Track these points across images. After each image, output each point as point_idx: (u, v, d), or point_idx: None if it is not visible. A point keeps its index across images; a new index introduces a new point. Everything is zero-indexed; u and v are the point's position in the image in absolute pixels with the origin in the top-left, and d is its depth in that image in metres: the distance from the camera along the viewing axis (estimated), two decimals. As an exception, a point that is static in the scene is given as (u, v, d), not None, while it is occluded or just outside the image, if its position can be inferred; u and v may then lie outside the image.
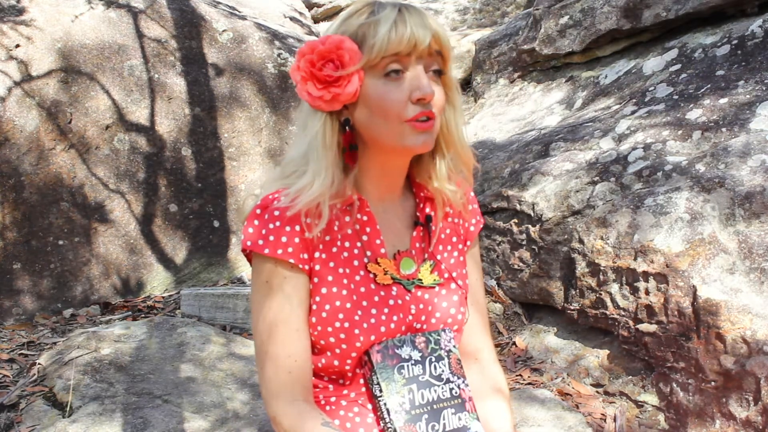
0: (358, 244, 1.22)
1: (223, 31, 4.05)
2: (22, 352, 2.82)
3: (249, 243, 1.16)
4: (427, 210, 1.29)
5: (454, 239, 1.33)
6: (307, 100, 1.16)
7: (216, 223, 3.76)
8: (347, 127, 1.17)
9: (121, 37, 3.77)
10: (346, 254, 1.21)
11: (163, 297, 3.51)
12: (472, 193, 1.38)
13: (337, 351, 1.19)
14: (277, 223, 1.15)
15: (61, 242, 3.42)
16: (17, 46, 3.52)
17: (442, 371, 1.22)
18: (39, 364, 2.59)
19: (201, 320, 3.05)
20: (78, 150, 3.52)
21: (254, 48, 4.08)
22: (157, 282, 3.59)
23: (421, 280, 1.25)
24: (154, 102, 3.74)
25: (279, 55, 4.14)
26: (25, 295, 3.32)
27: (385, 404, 1.17)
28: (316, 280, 1.19)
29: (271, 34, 4.24)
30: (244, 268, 3.73)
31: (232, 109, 3.91)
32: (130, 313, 3.31)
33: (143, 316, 3.25)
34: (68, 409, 2.25)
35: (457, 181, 1.28)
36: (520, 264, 2.89)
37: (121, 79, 3.69)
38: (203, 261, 3.69)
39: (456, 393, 1.22)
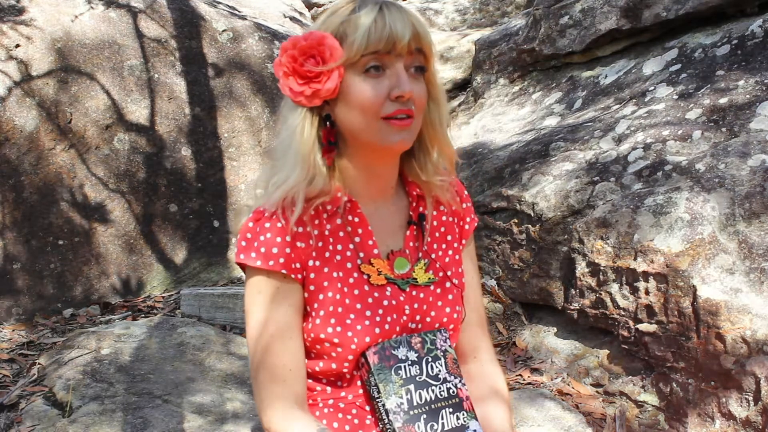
0: (351, 246, 1.22)
1: (223, 30, 4.05)
2: (22, 352, 2.82)
3: (242, 256, 1.17)
4: (421, 209, 1.29)
5: (449, 237, 1.33)
6: (289, 95, 1.17)
7: (216, 223, 3.76)
8: (328, 123, 1.18)
9: (121, 37, 3.77)
10: (339, 257, 1.21)
11: (163, 297, 3.51)
12: (466, 192, 1.38)
13: (333, 354, 1.19)
14: (268, 235, 1.16)
15: (61, 242, 3.42)
16: (17, 46, 3.52)
17: (439, 371, 1.22)
18: (39, 364, 2.59)
19: (201, 320, 3.05)
20: (78, 150, 3.52)
21: (254, 48, 4.08)
22: (157, 282, 3.59)
23: (415, 279, 1.25)
24: (154, 102, 3.74)
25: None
26: (25, 295, 3.32)
27: (383, 405, 1.18)
28: (312, 287, 1.19)
29: (270, 34, 4.24)
30: (244, 268, 3.73)
31: (232, 109, 3.91)
32: (130, 313, 3.31)
33: (143, 316, 3.25)
34: (68, 409, 2.25)
35: (442, 178, 1.29)
36: (520, 264, 2.89)
37: (121, 79, 3.69)
38: (203, 261, 3.69)
39: (453, 392, 1.22)
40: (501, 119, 3.78)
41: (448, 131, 1.27)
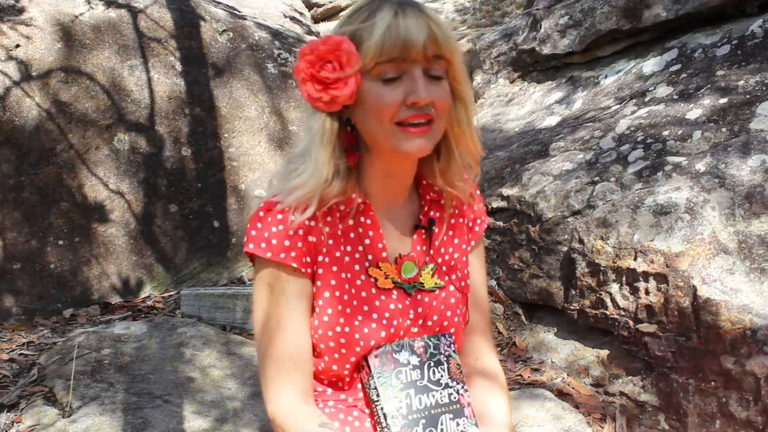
0: (360, 248, 1.22)
1: (223, 31, 4.05)
2: (22, 352, 2.82)
3: (251, 246, 1.16)
4: (431, 213, 1.29)
5: (456, 241, 1.32)
6: (307, 100, 1.16)
7: (216, 223, 3.76)
8: (349, 127, 1.18)
9: (121, 37, 3.77)
10: (348, 258, 1.21)
11: (163, 297, 3.51)
12: (479, 192, 1.38)
13: (336, 356, 1.18)
14: (280, 227, 1.15)
15: (61, 242, 3.42)
16: (17, 46, 3.52)
17: (441, 376, 1.21)
18: (39, 364, 2.59)
19: (201, 320, 3.05)
20: (78, 150, 3.52)
21: (254, 48, 4.08)
22: (157, 282, 3.59)
23: (422, 283, 1.25)
24: (154, 102, 3.74)
25: (279, 55, 4.14)
26: (25, 295, 3.32)
27: (382, 409, 1.17)
28: (319, 283, 1.19)
29: (271, 34, 4.24)
30: (243, 268, 3.73)
31: (232, 109, 3.90)
32: (130, 313, 3.31)
33: (143, 316, 3.25)
34: (68, 409, 2.25)
35: (465, 178, 1.28)
36: (520, 264, 2.89)
37: (121, 80, 3.69)
38: (203, 261, 3.69)
39: (455, 398, 1.21)
40: (501, 119, 3.78)
41: (475, 127, 1.24)
